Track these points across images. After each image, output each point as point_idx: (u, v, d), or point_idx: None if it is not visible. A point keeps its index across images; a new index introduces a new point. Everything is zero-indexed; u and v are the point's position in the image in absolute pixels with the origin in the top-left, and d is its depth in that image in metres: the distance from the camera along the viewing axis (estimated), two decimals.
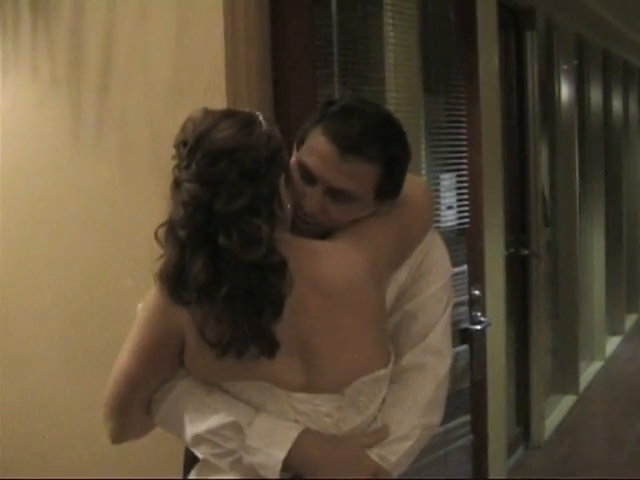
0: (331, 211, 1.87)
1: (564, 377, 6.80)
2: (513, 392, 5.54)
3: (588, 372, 7.42)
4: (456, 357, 3.09)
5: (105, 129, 2.81)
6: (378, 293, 1.85)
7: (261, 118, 1.76)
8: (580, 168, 6.93)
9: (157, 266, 1.71)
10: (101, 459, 2.88)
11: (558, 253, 6.83)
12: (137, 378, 1.83)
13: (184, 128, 1.73)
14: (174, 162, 1.72)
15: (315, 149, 1.86)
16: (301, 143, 1.91)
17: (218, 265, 1.66)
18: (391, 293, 1.98)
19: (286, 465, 1.75)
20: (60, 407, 3.02)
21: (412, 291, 2.01)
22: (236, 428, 1.76)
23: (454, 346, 2.21)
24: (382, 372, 1.83)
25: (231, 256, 1.66)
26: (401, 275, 1.98)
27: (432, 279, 2.03)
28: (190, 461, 1.95)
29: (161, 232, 1.71)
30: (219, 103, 2.50)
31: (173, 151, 1.73)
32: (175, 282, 1.69)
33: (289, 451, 1.74)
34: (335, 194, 1.86)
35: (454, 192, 3.71)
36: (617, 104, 8.88)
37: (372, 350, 1.82)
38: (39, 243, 3.00)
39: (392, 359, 1.88)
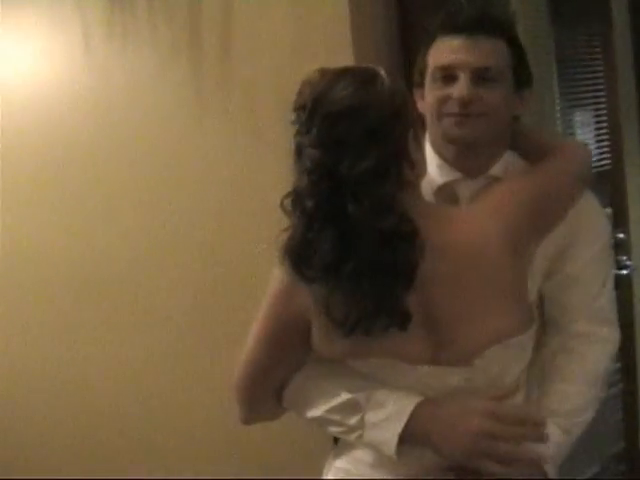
0: (481, 96, 1.85)
1: None
2: None
3: None
4: None
5: (228, 94, 2.75)
6: (514, 261, 1.72)
7: (382, 73, 1.68)
8: None
9: (281, 240, 1.65)
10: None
11: None
12: (264, 364, 1.79)
13: (301, 91, 1.67)
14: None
15: (443, 49, 1.88)
16: (420, 80, 1.93)
17: (347, 239, 1.59)
18: (545, 255, 1.90)
19: (405, 439, 1.68)
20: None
21: (571, 253, 1.94)
22: (355, 405, 1.74)
23: None
24: (517, 339, 1.71)
25: (362, 226, 1.58)
26: (556, 237, 1.88)
27: (590, 239, 1.96)
28: None
29: (287, 203, 1.65)
30: (346, 60, 2.43)
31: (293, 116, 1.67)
32: (300, 258, 1.63)
33: (406, 425, 1.68)
34: (479, 77, 1.85)
35: (592, 130, 3.56)
36: None
37: (506, 318, 1.70)
38: (168, 210, 2.97)
39: (534, 326, 1.78)
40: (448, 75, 1.86)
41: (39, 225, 3.18)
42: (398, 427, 1.68)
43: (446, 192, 1.93)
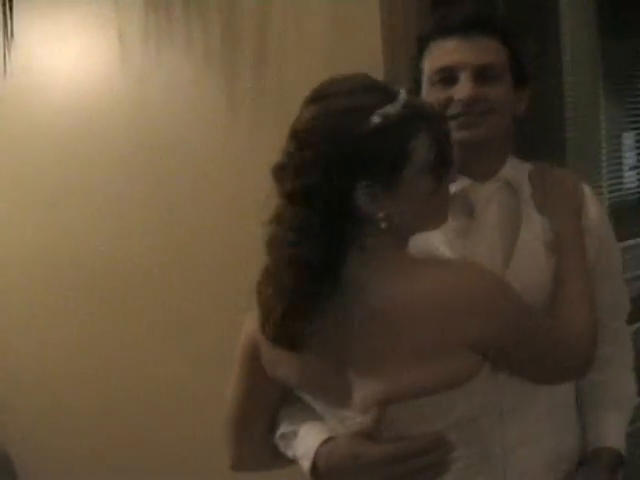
0: (485, 94, 1.80)
1: None
2: None
3: None
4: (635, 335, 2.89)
5: (261, 103, 2.75)
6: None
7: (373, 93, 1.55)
8: None
9: None
10: None
11: None
12: (243, 404, 1.73)
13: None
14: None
15: (439, 51, 1.83)
16: (416, 87, 1.86)
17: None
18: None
19: (320, 475, 1.63)
20: None
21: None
22: (290, 437, 1.72)
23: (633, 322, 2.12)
24: (425, 400, 1.57)
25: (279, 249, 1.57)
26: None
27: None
28: None
29: None
30: (376, 71, 2.39)
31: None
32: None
33: (313, 462, 1.63)
34: (480, 75, 1.81)
35: (637, 152, 3.48)
36: None
37: (425, 373, 1.56)
38: (198, 217, 2.97)
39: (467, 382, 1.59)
40: (448, 77, 1.81)
41: (73, 223, 3.22)
42: (308, 464, 1.65)
43: (459, 201, 1.85)
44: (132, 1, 2.93)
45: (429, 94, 1.83)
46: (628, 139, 3.57)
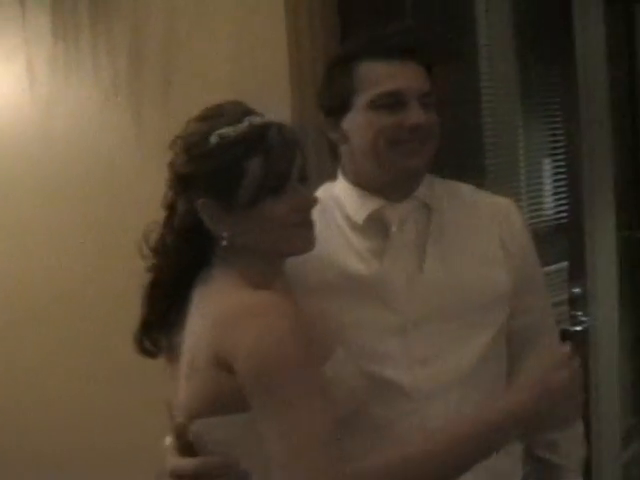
0: (430, 121, 1.81)
1: None
2: (630, 380, 5.26)
3: None
4: None
5: (168, 133, 2.69)
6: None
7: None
8: None
9: None
10: None
11: None
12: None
13: None
14: None
15: (384, 74, 1.80)
16: (342, 106, 1.82)
17: None
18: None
19: None
20: None
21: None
22: None
23: None
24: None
25: None
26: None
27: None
28: None
29: None
30: (283, 103, 2.44)
31: None
32: None
33: None
34: (422, 103, 1.80)
35: (554, 179, 3.49)
36: None
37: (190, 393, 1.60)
38: (108, 242, 2.95)
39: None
40: (394, 102, 1.78)
41: None
42: None
43: (374, 221, 1.86)
44: (40, 29, 2.91)
45: (372, 116, 1.79)
46: (547, 165, 3.58)
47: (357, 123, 1.81)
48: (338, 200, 1.90)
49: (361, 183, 1.87)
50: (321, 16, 2.51)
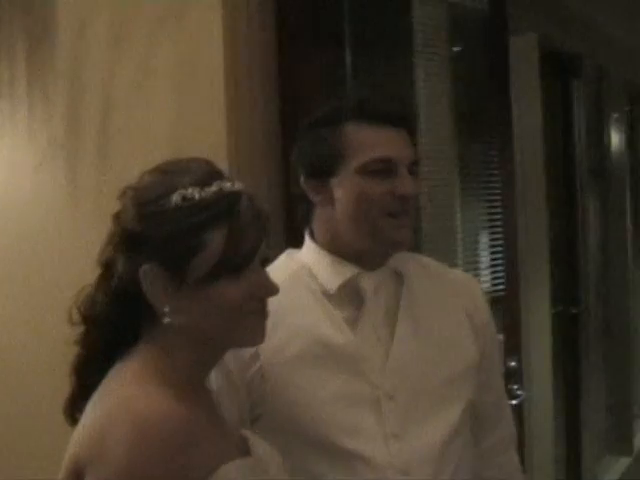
0: (416, 189, 1.79)
1: (618, 437, 6.49)
2: (564, 454, 5.27)
3: None
4: None
5: (104, 193, 2.66)
6: None
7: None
8: (632, 220, 6.68)
9: None
10: None
11: (610, 308, 6.57)
12: None
13: None
14: None
15: (376, 139, 1.76)
16: (329, 169, 1.78)
17: None
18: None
19: None
20: None
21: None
22: None
23: None
24: None
25: None
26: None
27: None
28: None
29: None
30: (221, 163, 2.34)
31: None
32: None
33: None
34: (411, 170, 1.77)
35: (490, 252, 3.50)
36: None
37: None
38: (39, 302, 2.87)
39: None
40: (385, 169, 1.74)
41: None
42: None
43: (348, 289, 1.82)
44: None
45: (361, 182, 1.75)
46: (484, 238, 3.59)
47: (346, 189, 1.77)
48: (308, 268, 1.85)
49: (335, 249, 1.83)
50: (261, 79, 2.51)
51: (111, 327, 1.47)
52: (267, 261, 1.53)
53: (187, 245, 1.40)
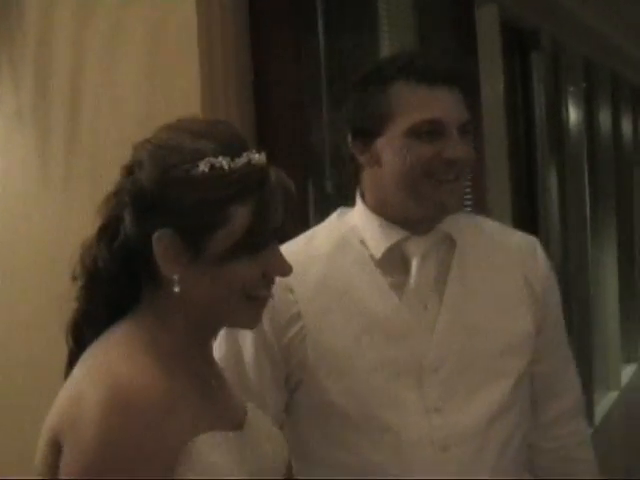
0: (468, 153, 1.71)
1: None
2: None
3: (603, 403, 7.16)
4: None
5: (74, 163, 2.65)
6: None
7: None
8: (590, 193, 6.73)
9: None
10: None
11: (569, 280, 6.62)
12: None
13: None
14: None
15: (427, 100, 1.68)
16: (376, 129, 1.71)
17: None
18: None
19: None
20: None
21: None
22: None
23: None
24: None
25: None
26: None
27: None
28: None
29: None
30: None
31: None
32: None
33: None
34: (463, 132, 1.70)
35: None
36: (627, 127, 8.69)
37: None
38: (10, 273, 2.81)
39: None
40: (433, 130, 1.67)
41: None
42: None
43: (395, 253, 1.76)
44: None
45: (408, 144, 1.68)
46: None
47: (392, 149, 1.70)
48: (356, 230, 1.79)
49: (384, 212, 1.76)
50: (234, 49, 2.50)
51: (111, 285, 1.40)
52: (284, 239, 1.48)
53: (210, 218, 1.33)
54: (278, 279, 1.43)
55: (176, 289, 1.34)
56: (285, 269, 1.41)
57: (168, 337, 1.38)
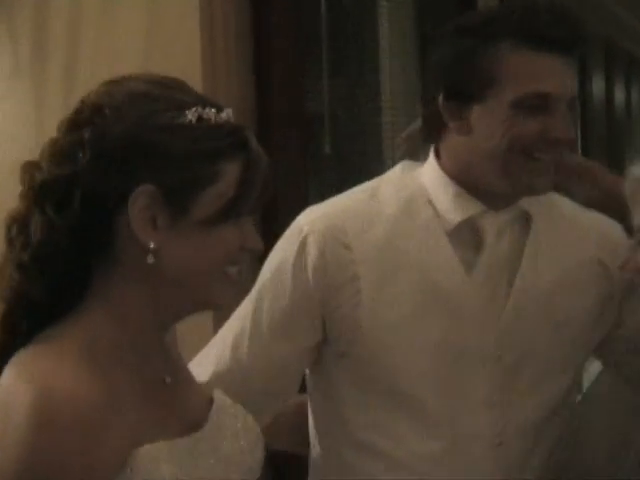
0: (575, 131, 1.60)
1: None
2: None
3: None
4: None
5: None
6: None
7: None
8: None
9: None
10: None
11: None
12: None
13: None
14: None
15: (538, 69, 1.52)
16: (477, 93, 1.54)
17: None
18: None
19: None
20: None
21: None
22: None
23: None
24: None
25: None
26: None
27: None
28: None
29: None
30: (194, 81, 2.32)
31: None
32: None
33: None
34: (571, 106, 1.57)
35: None
36: (620, 96, 8.68)
37: None
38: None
39: None
40: (540, 104, 1.52)
41: None
42: None
43: (467, 227, 1.62)
44: None
45: (512, 119, 1.52)
46: None
47: (493, 120, 1.54)
48: (427, 192, 1.64)
49: (463, 180, 1.61)
50: (235, 11, 2.48)
51: (54, 264, 1.21)
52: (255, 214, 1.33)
53: (199, 173, 1.19)
54: (330, 233, 1.37)
55: (150, 260, 1.18)
56: (260, 243, 1.28)
57: (115, 332, 1.23)
